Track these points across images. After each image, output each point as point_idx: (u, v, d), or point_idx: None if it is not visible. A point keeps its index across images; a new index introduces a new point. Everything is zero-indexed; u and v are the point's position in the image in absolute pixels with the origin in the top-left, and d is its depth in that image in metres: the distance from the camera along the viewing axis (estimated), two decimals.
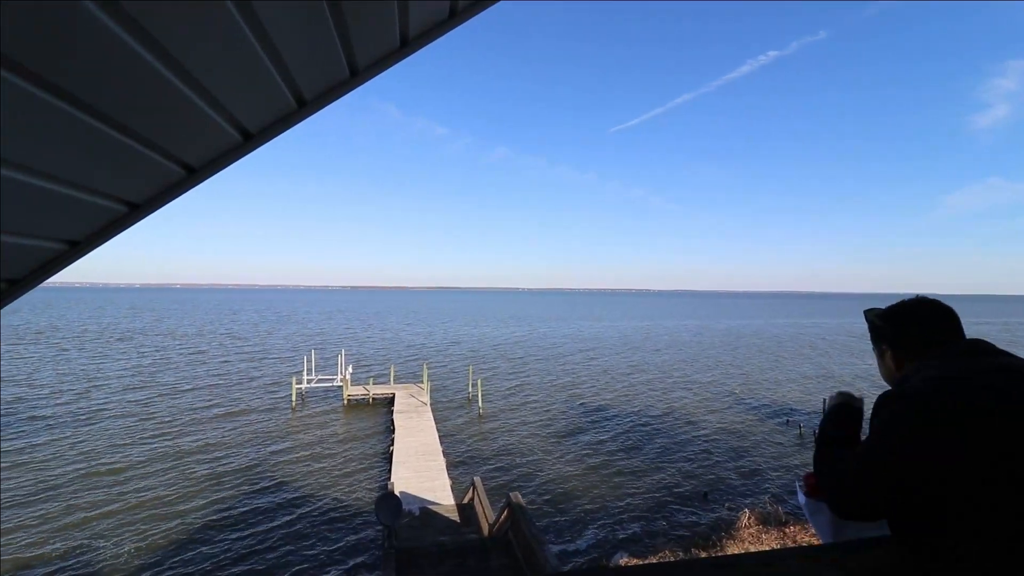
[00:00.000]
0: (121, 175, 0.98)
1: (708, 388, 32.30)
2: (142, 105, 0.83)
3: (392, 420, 22.35)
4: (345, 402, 26.93)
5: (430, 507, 13.55)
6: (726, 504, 15.03)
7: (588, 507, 15.21)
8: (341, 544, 12.82)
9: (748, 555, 1.14)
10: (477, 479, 13.85)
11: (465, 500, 14.12)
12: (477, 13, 1.15)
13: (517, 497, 9.99)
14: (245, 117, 1.01)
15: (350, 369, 29.16)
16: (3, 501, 14.55)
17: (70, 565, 11.54)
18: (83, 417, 23.64)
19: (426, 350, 49.18)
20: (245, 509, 14.51)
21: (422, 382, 28.14)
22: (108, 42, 0.68)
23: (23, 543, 12.44)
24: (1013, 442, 0.98)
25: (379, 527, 12.10)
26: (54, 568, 11.42)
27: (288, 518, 14.09)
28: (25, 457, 18.18)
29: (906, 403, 1.06)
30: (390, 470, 16.83)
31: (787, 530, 11.79)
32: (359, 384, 29.28)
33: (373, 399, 27.27)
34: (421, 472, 16.42)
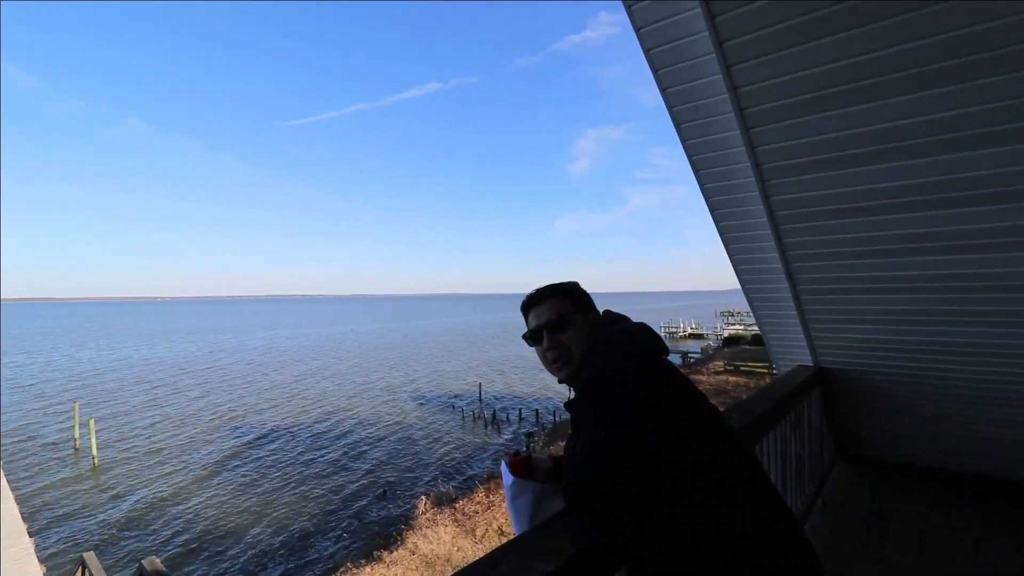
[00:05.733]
0: None
1: (382, 389, 33.25)
2: None
3: None
4: None
5: None
6: (402, 496, 15.65)
7: (261, 541, 13.28)
8: None
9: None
10: (88, 555, 10.18)
11: None
12: None
13: (153, 563, 7.76)
14: None
15: None
16: None
17: None
18: None
19: None
20: None
21: None
22: None
23: None
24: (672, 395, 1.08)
25: None
26: None
27: None
28: None
29: (619, 384, 1.06)
30: None
31: (458, 505, 13.05)
32: None
33: None
34: None
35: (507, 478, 1.23)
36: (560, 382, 1.28)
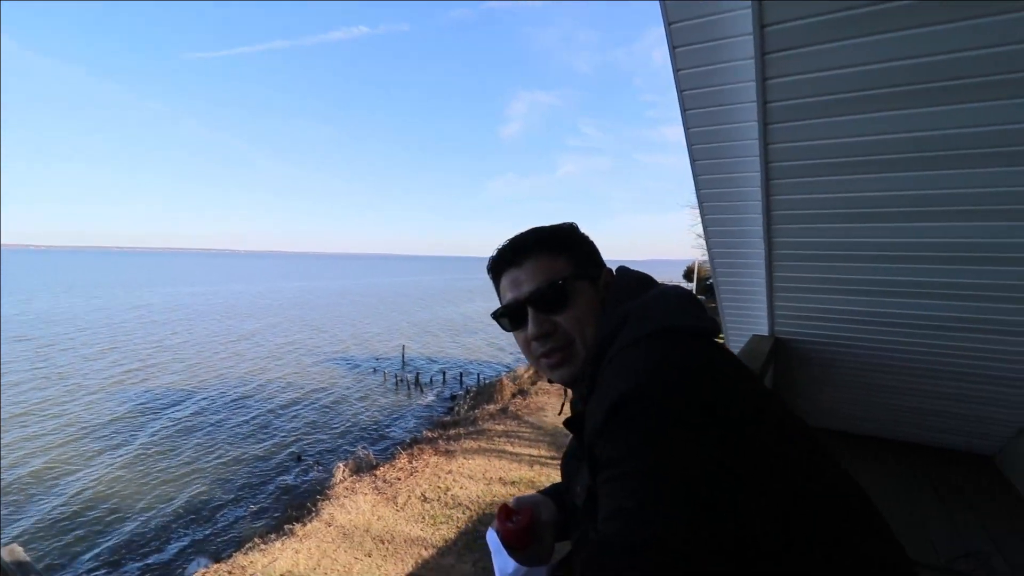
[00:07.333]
0: None
1: (299, 351, 31.48)
2: None
3: None
4: None
5: None
6: (318, 463, 14.90)
7: (159, 515, 12.06)
8: None
9: None
10: None
11: None
12: None
13: (13, 552, 6.61)
14: None
15: None
16: None
17: None
18: None
19: None
20: None
21: None
22: None
23: None
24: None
25: None
26: None
27: None
28: None
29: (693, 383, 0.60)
30: None
31: (378, 472, 12.56)
32: None
33: None
34: None
35: (507, 564, 0.73)
36: (554, 382, 0.80)
